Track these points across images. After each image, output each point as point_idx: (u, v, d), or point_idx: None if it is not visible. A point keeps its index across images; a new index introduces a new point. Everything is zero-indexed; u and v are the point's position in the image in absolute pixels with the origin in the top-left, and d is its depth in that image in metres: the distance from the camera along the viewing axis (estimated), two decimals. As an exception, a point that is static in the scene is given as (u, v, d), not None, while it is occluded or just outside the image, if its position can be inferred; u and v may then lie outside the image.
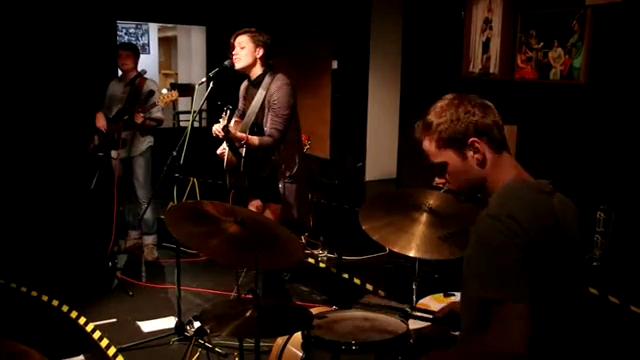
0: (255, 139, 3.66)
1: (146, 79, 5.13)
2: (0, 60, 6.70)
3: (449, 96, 1.78)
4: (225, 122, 3.54)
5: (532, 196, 1.70)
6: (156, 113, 5.05)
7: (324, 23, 8.12)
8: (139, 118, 4.90)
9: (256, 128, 3.73)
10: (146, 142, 5.17)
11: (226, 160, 3.78)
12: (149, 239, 5.31)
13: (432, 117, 1.76)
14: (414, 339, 2.20)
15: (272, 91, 3.71)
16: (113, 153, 5.14)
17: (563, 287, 1.69)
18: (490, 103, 1.78)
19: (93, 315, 4.14)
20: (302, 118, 4.03)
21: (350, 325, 2.40)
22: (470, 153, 1.73)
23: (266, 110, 3.73)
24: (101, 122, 5.10)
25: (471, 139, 1.72)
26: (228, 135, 3.54)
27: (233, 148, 3.68)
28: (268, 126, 3.71)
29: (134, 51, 5.24)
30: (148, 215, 5.15)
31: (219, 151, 3.82)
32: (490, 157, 1.73)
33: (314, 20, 8.27)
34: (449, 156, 1.75)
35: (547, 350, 1.67)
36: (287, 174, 3.84)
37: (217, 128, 3.55)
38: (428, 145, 1.79)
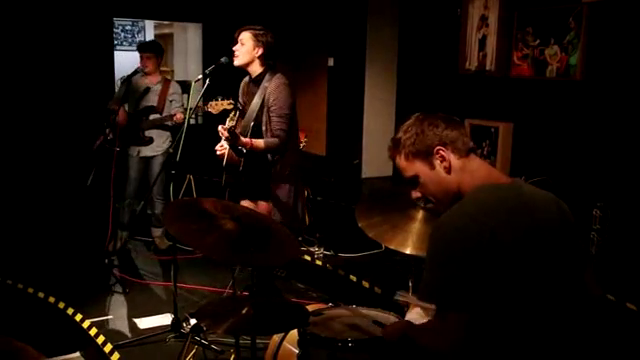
0: (260, 142, 3.65)
1: (170, 80, 5.41)
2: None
3: (415, 115, 1.89)
4: (233, 123, 3.52)
5: (494, 196, 1.73)
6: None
7: (320, 20, 8.10)
8: (180, 117, 4.99)
9: (256, 127, 3.72)
10: (168, 141, 5.27)
11: (226, 158, 3.77)
12: (158, 231, 5.51)
13: (400, 134, 1.87)
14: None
15: (270, 91, 3.70)
16: (133, 150, 5.17)
17: (538, 284, 1.70)
18: (457, 119, 1.88)
19: (90, 312, 4.14)
20: (298, 115, 4.02)
21: (346, 322, 2.41)
22: (437, 162, 1.81)
23: (265, 109, 3.71)
24: (123, 117, 5.13)
25: (436, 148, 1.80)
26: (234, 139, 3.51)
27: (235, 148, 3.65)
28: (272, 128, 3.68)
29: (156, 52, 5.25)
30: (159, 210, 5.35)
31: (218, 149, 3.80)
32: (456, 163, 1.81)
33: (310, 17, 8.26)
34: (418, 167, 1.84)
35: (519, 350, 1.69)
36: (281, 174, 3.81)
37: (223, 128, 3.55)
38: (399, 161, 1.88)
